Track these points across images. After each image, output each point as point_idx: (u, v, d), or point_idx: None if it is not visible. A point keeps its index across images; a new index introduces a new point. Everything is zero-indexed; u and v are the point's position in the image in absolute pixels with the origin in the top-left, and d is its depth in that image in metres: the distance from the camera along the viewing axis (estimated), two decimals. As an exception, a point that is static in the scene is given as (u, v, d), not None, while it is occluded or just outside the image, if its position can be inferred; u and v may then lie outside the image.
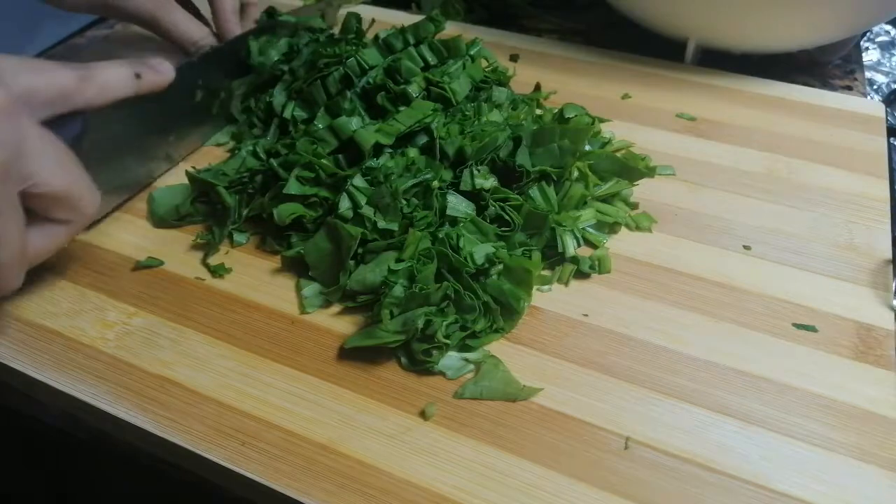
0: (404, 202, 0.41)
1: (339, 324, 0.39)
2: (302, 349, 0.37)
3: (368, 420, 0.34)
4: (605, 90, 0.58)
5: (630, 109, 0.56)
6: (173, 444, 0.33)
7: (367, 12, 0.69)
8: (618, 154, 0.48)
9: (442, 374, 0.36)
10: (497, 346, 0.37)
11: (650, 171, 0.48)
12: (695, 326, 0.39)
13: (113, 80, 0.39)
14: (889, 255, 0.43)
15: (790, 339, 0.38)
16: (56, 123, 0.35)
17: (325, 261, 0.40)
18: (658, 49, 0.63)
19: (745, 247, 0.44)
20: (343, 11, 0.61)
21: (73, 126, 0.37)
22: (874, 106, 0.57)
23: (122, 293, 0.40)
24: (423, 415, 0.34)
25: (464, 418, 0.34)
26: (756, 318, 0.39)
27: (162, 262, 0.42)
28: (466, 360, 0.36)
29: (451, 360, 0.36)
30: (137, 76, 0.40)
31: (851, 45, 0.68)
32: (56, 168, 0.33)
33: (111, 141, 0.42)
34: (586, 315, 0.39)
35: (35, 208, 0.34)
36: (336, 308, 0.39)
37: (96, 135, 0.39)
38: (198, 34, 0.54)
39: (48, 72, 0.35)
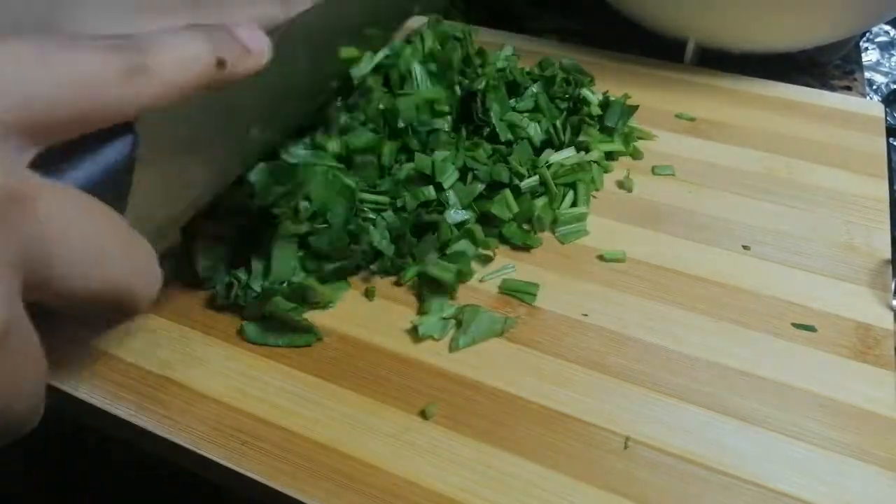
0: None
1: (339, 323, 0.39)
2: (302, 348, 0.37)
3: (368, 420, 0.34)
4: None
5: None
6: (173, 444, 0.33)
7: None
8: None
9: (431, 337, 0.37)
10: (497, 346, 0.37)
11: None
12: (695, 326, 0.39)
13: (184, 68, 0.22)
14: (888, 255, 0.43)
15: (790, 339, 0.38)
16: (90, 148, 0.20)
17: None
18: (658, 49, 0.63)
19: (744, 247, 0.44)
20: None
21: (118, 147, 0.21)
22: (874, 106, 0.57)
23: (123, 293, 0.40)
24: (423, 415, 0.34)
25: (464, 418, 0.34)
26: (756, 318, 0.39)
27: (162, 262, 0.42)
28: (444, 318, 0.38)
29: (431, 322, 0.38)
30: (220, 64, 0.23)
31: (851, 46, 0.68)
32: (91, 260, 0.19)
33: (170, 155, 0.26)
34: (586, 315, 0.39)
35: (52, 307, 0.19)
36: (336, 308, 0.39)
37: (149, 153, 0.22)
38: None
39: (65, 62, 0.19)
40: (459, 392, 0.35)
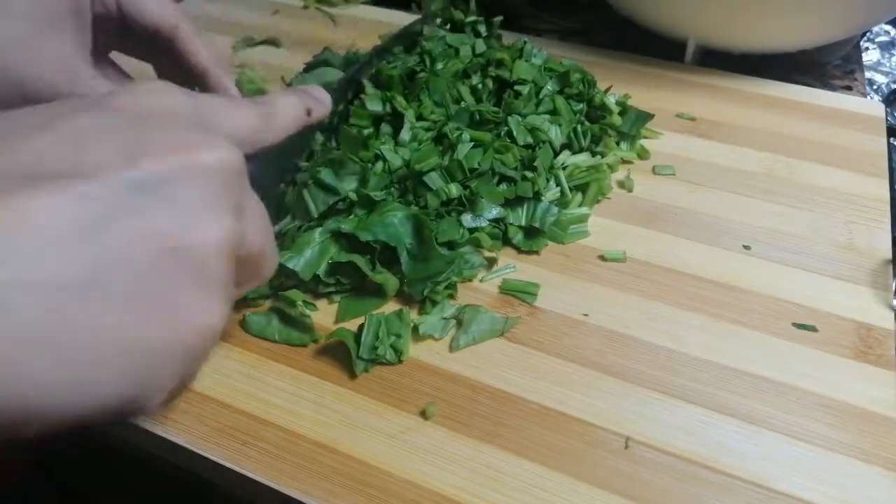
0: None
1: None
2: (301, 348, 0.37)
3: (368, 420, 0.34)
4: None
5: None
6: (173, 444, 0.33)
7: (369, 13, 0.69)
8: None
9: (431, 337, 0.37)
10: (497, 346, 0.37)
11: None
12: (695, 326, 0.39)
13: (290, 115, 0.34)
14: (889, 255, 0.43)
15: (790, 338, 0.38)
16: None
17: None
18: (658, 49, 0.63)
19: (745, 247, 0.44)
20: (342, 12, 0.60)
21: (249, 170, 0.31)
22: (874, 106, 0.57)
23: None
24: (423, 415, 0.34)
25: (464, 418, 0.34)
26: (756, 318, 0.39)
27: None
28: (445, 317, 0.38)
29: (431, 322, 0.38)
30: (308, 112, 0.35)
31: (851, 45, 0.68)
32: (258, 226, 0.27)
33: (271, 179, 0.37)
34: (586, 315, 0.39)
35: None
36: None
37: (263, 177, 0.33)
38: (212, 58, 0.42)
39: (238, 110, 0.30)
40: (459, 392, 0.35)
